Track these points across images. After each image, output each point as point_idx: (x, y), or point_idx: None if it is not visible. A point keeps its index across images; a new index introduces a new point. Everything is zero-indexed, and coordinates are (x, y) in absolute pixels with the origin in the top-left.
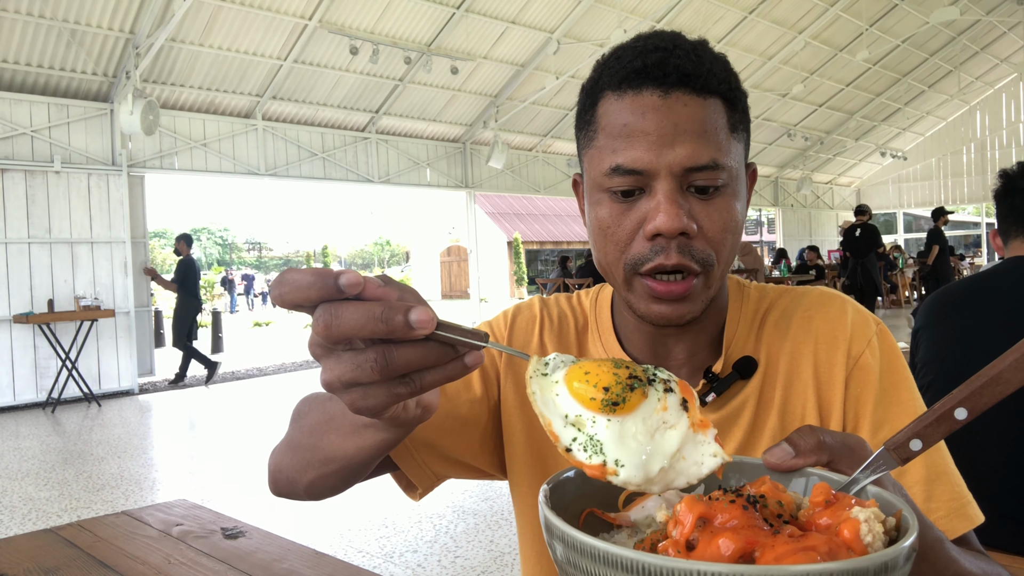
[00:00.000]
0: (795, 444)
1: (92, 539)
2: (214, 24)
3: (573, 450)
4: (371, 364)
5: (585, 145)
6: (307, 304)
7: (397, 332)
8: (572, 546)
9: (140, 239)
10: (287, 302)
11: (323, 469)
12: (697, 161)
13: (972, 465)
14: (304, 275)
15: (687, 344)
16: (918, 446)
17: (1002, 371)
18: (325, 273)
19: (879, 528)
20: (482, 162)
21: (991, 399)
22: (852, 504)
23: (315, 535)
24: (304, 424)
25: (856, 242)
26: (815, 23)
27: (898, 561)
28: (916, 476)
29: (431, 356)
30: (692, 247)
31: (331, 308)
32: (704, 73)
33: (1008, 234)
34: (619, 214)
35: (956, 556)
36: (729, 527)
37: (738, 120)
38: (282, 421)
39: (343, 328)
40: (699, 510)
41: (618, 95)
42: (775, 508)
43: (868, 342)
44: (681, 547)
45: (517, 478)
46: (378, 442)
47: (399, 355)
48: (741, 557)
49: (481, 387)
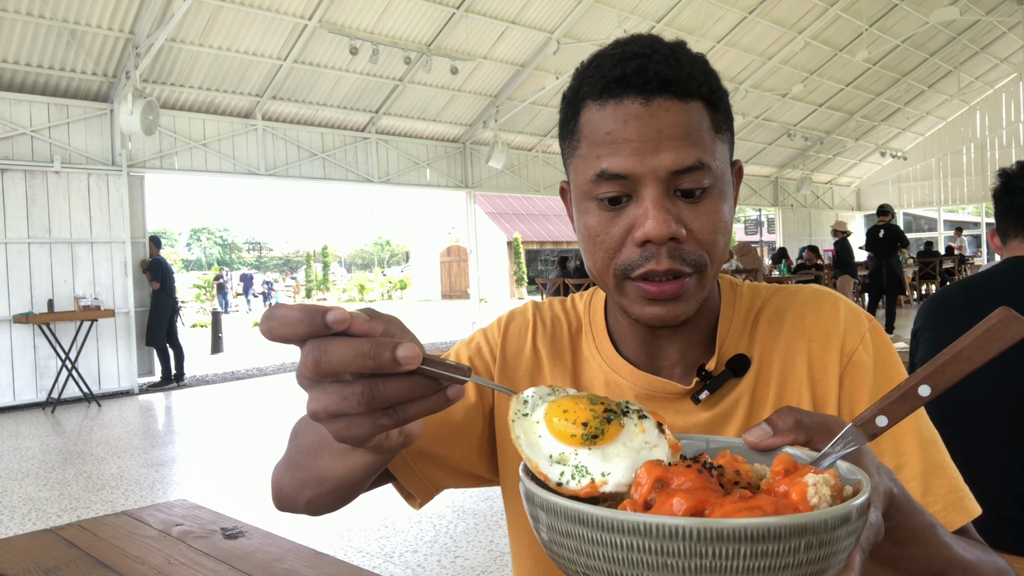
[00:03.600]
0: (773, 424)
1: (92, 539)
2: (214, 24)
3: (563, 483)
4: (357, 397)
5: (569, 154)
6: (295, 340)
7: (384, 368)
8: (548, 509)
9: (140, 239)
10: (276, 336)
11: (318, 489)
12: (682, 163)
13: (972, 465)
14: (293, 311)
15: (680, 344)
16: (884, 422)
17: (963, 348)
18: (313, 310)
19: (826, 491)
20: (482, 162)
21: (953, 376)
22: (811, 472)
23: (315, 535)
24: (300, 444)
25: (880, 242)
26: (815, 23)
27: (839, 519)
28: (913, 471)
29: (416, 389)
30: (683, 251)
31: (320, 344)
32: (684, 77)
33: (1007, 234)
34: (607, 222)
35: (949, 541)
36: (684, 489)
37: (721, 120)
38: (282, 421)
39: (332, 364)
40: (656, 473)
41: (600, 104)
42: (732, 476)
43: (861, 339)
44: (639, 507)
45: (510, 483)
46: (366, 464)
47: (385, 388)
48: (692, 514)
49: (476, 394)
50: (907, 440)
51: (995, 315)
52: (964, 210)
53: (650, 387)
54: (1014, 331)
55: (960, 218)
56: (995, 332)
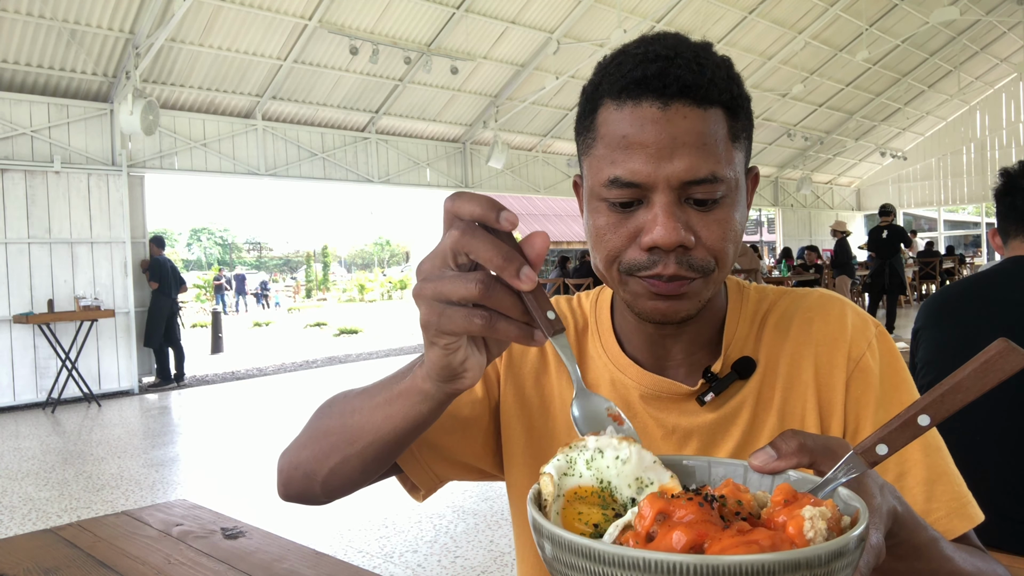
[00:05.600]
0: (777, 448)
1: (92, 539)
2: (214, 24)
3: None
4: (475, 281)
5: (584, 151)
6: (467, 215)
7: (507, 274)
8: (554, 541)
9: (140, 239)
10: (457, 208)
11: (348, 450)
12: (696, 175)
13: (972, 466)
14: (479, 196)
15: (686, 344)
16: (884, 450)
17: (961, 380)
18: (494, 202)
19: (822, 525)
20: (482, 162)
21: (952, 406)
22: (809, 503)
23: (315, 535)
24: (330, 411)
25: (883, 243)
26: (815, 23)
27: (833, 554)
28: (917, 478)
29: (516, 310)
30: (691, 258)
31: (472, 229)
32: (705, 84)
33: (1008, 233)
34: (616, 224)
35: (951, 555)
36: (685, 522)
37: (740, 129)
38: (282, 421)
39: (471, 246)
40: (659, 506)
41: (617, 105)
42: (733, 506)
43: (868, 344)
44: (641, 539)
45: (515, 479)
46: (407, 413)
47: (498, 289)
48: (692, 548)
49: (482, 389)
50: (911, 447)
51: (994, 346)
52: (964, 210)
53: (655, 387)
54: (1012, 362)
55: (960, 218)
56: (993, 364)
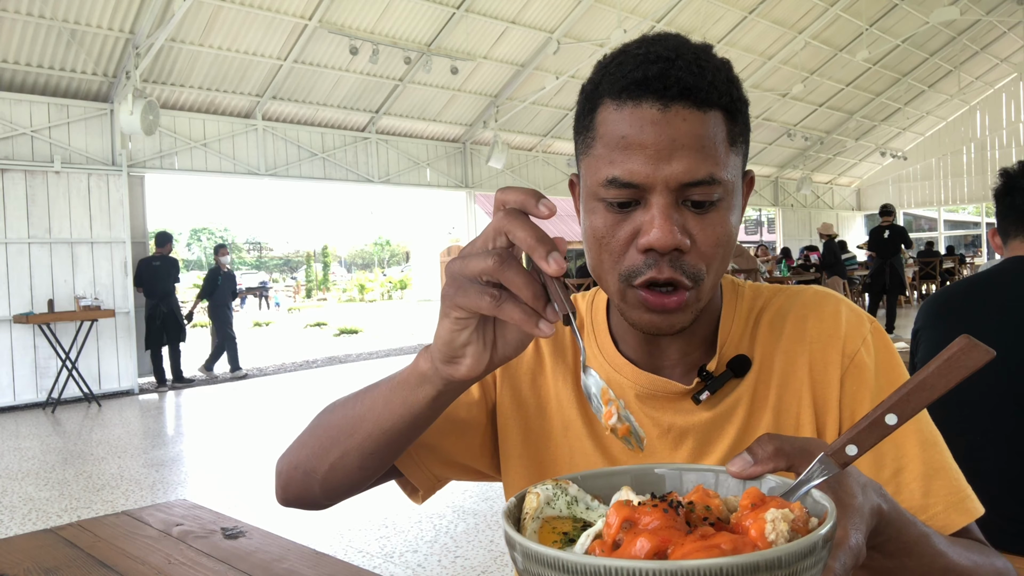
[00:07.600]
0: (754, 453)
1: (92, 539)
2: (214, 24)
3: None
4: (493, 255)
5: (583, 151)
6: (512, 203)
7: (538, 253)
8: (523, 553)
9: (140, 239)
10: (507, 195)
11: (347, 443)
12: (694, 176)
13: (973, 466)
14: (523, 189)
15: (681, 343)
16: (854, 451)
17: (926, 378)
18: (535, 192)
19: (784, 527)
20: (482, 162)
21: (918, 404)
22: (774, 506)
23: (315, 535)
24: (331, 410)
25: (885, 243)
26: (815, 23)
27: (795, 555)
28: (914, 472)
29: (528, 292)
30: (684, 262)
31: (516, 217)
32: (705, 86)
33: (1008, 233)
34: (613, 224)
35: (944, 550)
36: (649, 528)
37: (738, 132)
38: (282, 421)
39: (512, 227)
40: (624, 514)
41: (617, 105)
42: (702, 512)
43: (863, 340)
44: (608, 547)
45: (511, 480)
46: (406, 398)
47: (513, 266)
48: (656, 554)
49: (479, 390)
50: (908, 442)
51: (956, 343)
52: (964, 210)
53: (651, 386)
54: (975, 358)
55: (960, 218)
56: (957, 360)
